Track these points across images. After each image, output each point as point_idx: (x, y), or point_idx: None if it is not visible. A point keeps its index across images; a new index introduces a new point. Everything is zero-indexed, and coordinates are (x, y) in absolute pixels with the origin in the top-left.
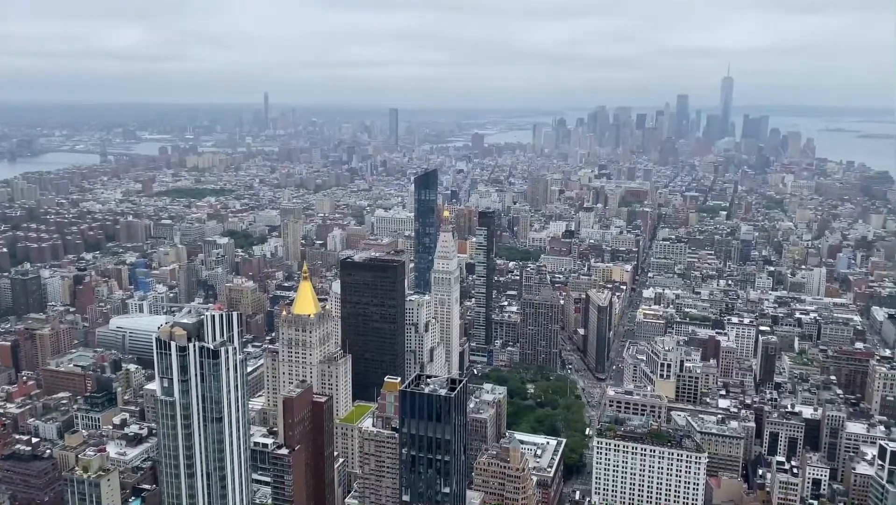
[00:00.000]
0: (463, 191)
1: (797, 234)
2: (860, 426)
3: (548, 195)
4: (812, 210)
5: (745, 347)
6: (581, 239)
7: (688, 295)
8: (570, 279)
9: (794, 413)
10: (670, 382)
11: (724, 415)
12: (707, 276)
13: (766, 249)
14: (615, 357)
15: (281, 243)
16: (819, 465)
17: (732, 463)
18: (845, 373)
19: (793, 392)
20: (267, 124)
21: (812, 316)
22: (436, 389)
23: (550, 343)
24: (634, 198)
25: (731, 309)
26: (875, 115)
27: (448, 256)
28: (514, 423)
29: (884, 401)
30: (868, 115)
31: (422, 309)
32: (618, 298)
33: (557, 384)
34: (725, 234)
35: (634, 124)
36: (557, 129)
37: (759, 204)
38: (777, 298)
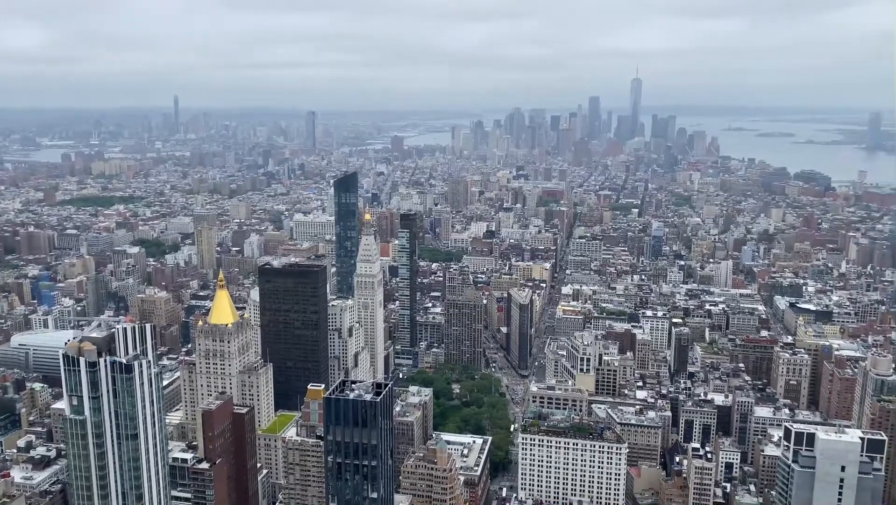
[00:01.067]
0: (384, 193)
1: (705, 229)
2: (767, 410)
3: (468, 196)
4: (718, 206)
5: (659, 339)
6: (502, 239)
7: (604, 291)
8: (493, 279)
9: (706, 401)
10: (590, 376)
11: (641, 405)
12: (622, 271)
13: (677, 244)
14: (537, 353)
15: (195, 251)
16: (731, 449)
17: (651, 452)
18: (752, 360)
19: (705, 381)
20: (177, 128)
21: (720, 307)
22: (361, 395)
23: (474, 342)
24: (551, 197)
25: (646, 303)
26: (771, 115)
27: (370, 259)
28: (440, 424)
29: (787, 385)
30: (765, 115)
31: (345, 314)
32: (538, 295)
33: (482, 383)
34: (638, 230)
35: (549, 126)
36: (475, 131)
37: (668, 201)
38: (688, 290)
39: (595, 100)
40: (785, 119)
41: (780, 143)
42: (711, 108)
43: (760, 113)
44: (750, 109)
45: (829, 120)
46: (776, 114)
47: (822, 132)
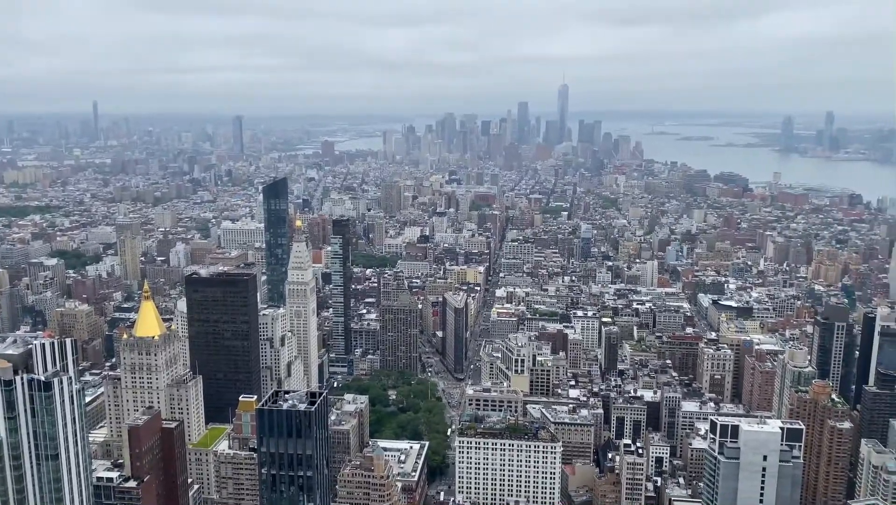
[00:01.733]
0: (315, 199)
1: (631, 230)
2: (694, 404)
3: (401, 201)
4: (643, 208)
5: (590, 339)
6: (436, 243)
7: (536, 292)
8: (427, 283)
9: (636, 397)
10: (524, 377)
11: (574, 404)
12: (553, 273)
13: (605, 246)
14: (473, 357)
15: (118, 262)
16: (660, 444)
17: (585, 450)
18: (679, 356)
19: (634, 378)
20: (97, 135)
21: (647, 306)
22: (295, 405)
23: (410, 348)
24: (484, 202)
25: (576, 303)
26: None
27: (302, 266)
28: (377, 430)
29: (712, 380)
30: (685, 119)
31: (276, 323)
32: (473, 299)
33: (418, 388)
34: (567, 233)
35: (480, 131)
36: (407, 136)
37: (596, 204)
38: (616, 290)
39: (524, 105)
40: (704, 123)
41: (700, 146)
42: (635, 112)
43: (681, 117)
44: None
45: (746, 124)
46: (696, 118)
47: (740, 135)
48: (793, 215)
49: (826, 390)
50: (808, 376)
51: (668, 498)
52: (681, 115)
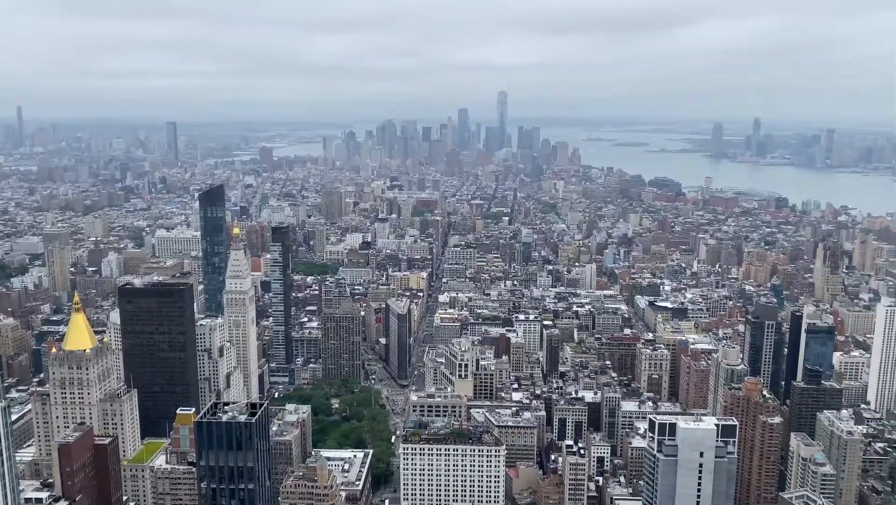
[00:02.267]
0: (253, 206)
1: (570, 234)
2: (633, 404)
3: (342, 207)
4: (581, 212)
5: (532, 342)
6: (378, 249)
7: (479, 297)
8: (370, 290)
9: (577, 399)
10: (468, 382)
11: (518, 407)
12: (495, 278)
13: (545, 250)
14: (416, 363)
15: (46, 273)
16: (601, 444)
17: (528, 452)
18: (618, 357)
19: (575, 379)
20: (22, 141)
21: (587, 308)
22: (235, 416)
23: (353, 355)
24: (426, 207)
25: (518, 307)
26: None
27: (241, 274)
28: (320, 440)
29: (650, 379)
30: (620, 126)
31: (214, 333)
32: (416, 304)
33: (362, 396)
34: (509, 237)
35: (421, 136)
36: (348, 142)
37: (536, 209)
38: (557, 294)
39: (464, 112)
40: (639, 129)
41: (635, 152)
42: (572, 119)
43: (616, 124)
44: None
45: (678, 130)
46: (630, 124)
47: (672, 141)
48: (724, 218)
49: (757, 387)
50: (741, 374)
51: (610, 497)
52: (616, 121)
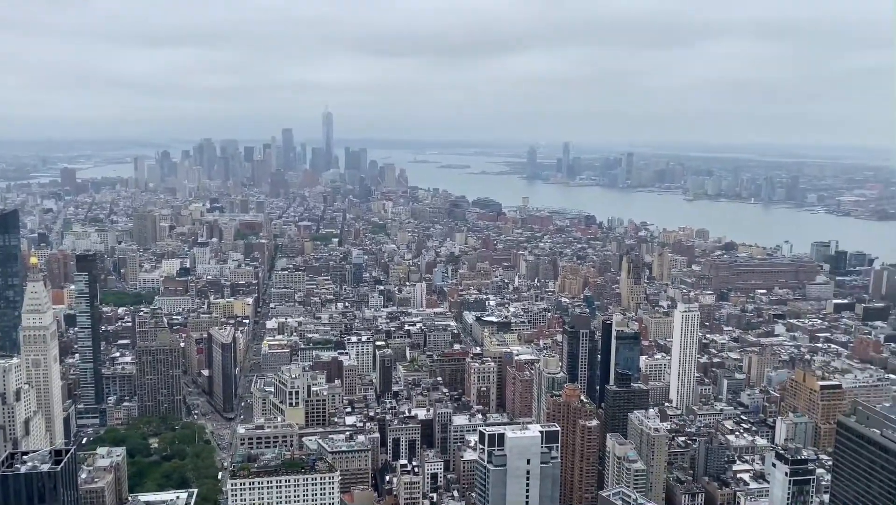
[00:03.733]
0: (54, 233)
1: (400, 254)
2: (464, 418)
3: (157, 232)
4: (410, 232)
5: (365, 363)
6: (198, 276)
7: (309, 321)
8: (190, 319)
9: (411, 417)
10: (300, 409)
11: (351, 431)
12: (326, 300)
13: (376, 270)
14: (244, 393)
15: None
16: (435, 460)
17: (363, 475)
18: (449, 372)
19: (408, 398)
20: None
21: (418, 326)
22: (36, 466)
23: (173, 390)
24: (250, 230)
25: (350, 329)
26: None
27: (40, 308)
28: (137, 484)
29: (479, 392)
30: (444, 148)
31: (9, 375)
32: (241, 332)
33: (184, 433)
34: (339, 259)
35: (243, 157)
36: (162, 162)
37: (365, 229)
38: (388, 313)
39: (288, 132)
40: (461, 152)
41: (458, 173)
42: (399, 141)
43: (441, 146)
44: (431, 143)
45: (497, 153)
46: (454, 147)
47: (492, 164)
48: (540, 235)
49: (576, 393)
50: (561, 381)
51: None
52: (440, 144)
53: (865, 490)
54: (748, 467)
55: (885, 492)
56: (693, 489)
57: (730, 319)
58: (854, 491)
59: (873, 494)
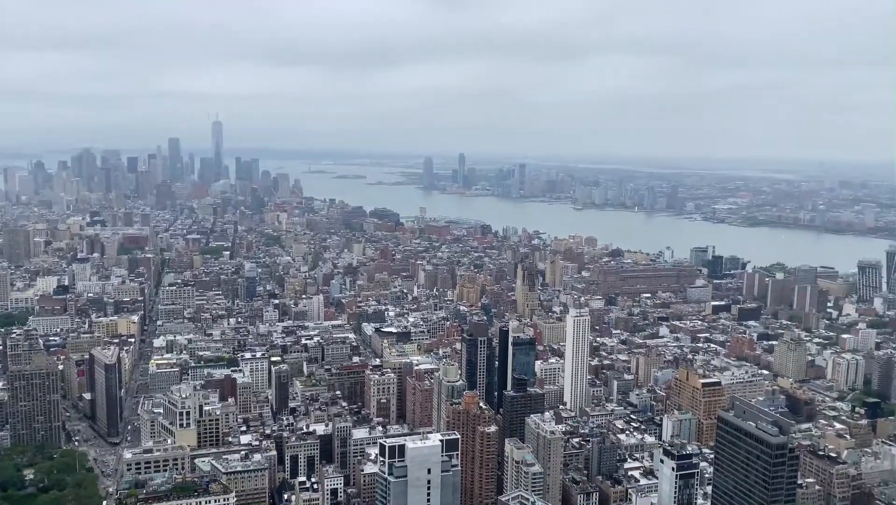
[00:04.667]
0: None
1: (295, 266)
2: (364, 431)
3: (31, 248)
4: (306, 244)
5: (260, 380)
6: (78, 294)
7: (200, 338)
8: (69, 340)
9: (309, 433)
10: (191, 431)
11: (247, 450)
12: (217, 316)
13: (270, 284)
14: (130, 416)
15: None
16: (334, 475)
17: (259, 495)
18: (348, 386)
19: (306, 413)
20: None
21: (316, 340)
22: None
23: (50, 416)
24: (134, 244)
25: (244, 345)
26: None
27: None
28: None
29: (379, 404)
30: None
31: None
32: (127, 352)
33: (63, 461)
34: (231, 273)
35: (126, 168)
36: (36, 174)
37: (259, 242)
38: (284, 328)
39: (175, 141)
40: (358, 163)
41: (354, 184)
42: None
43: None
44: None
45: (393, 164)
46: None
47: (389, 174)
48: (438, 245)
49: (475, 400)
50: (460, 389)
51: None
52: (336, 154)
53: (744, 479)
54: (639, 465)
55: (761, 480)
56: (588, 489)
57: (618, 323)
58: (733, 481)
59: (750, 483)
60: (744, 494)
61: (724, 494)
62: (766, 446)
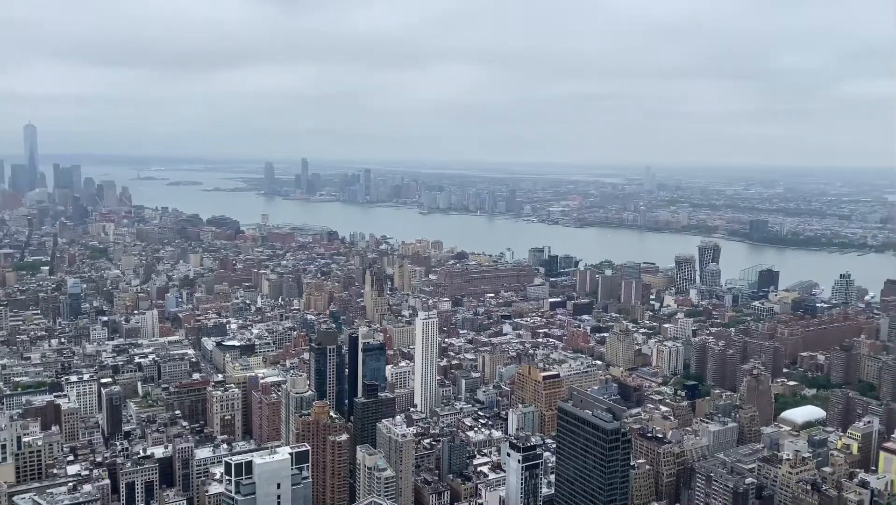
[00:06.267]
0: None
1: (126, 280)
2: (207, 451)
3: None
4: (137, 256)
5: (88, 405)
6: None
7: (16, 363)
8: None
9: (146, 457)
10: (8, 465)
11: (75, 481)
12: (36, 337)
13: (98, 300)
14: None
15: None
16: (176, 499)
17: None
18: (188, 404)
19: (143, 436)
20: None
21: (151, 357)
22: None
23: None
24: None
25: (69, 368)
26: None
27: None
28: None
29: (223, 421)
30: (172, 164)
31: None
32: None
33: None
34: (51, 289)
35: None
36: None
37: (83, 255)
38: (115, 346)
39: None
40: (193, 168)
41: (189, 191)
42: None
43: (169, 162)
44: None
45: (232, 169)
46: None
47: (227, 180)
48: (282, 253)
49: (324, 409)
50: (309, 400)
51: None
52: (168, 160)
53: (583, 465)
54: (487, 460)
55: (599, 464)
56: (439, 488)
57: (465, 323)
58: (574, 468)
59: (589, 468)
60: (584, 480)
61: (566, 481)
62: (602, 432)
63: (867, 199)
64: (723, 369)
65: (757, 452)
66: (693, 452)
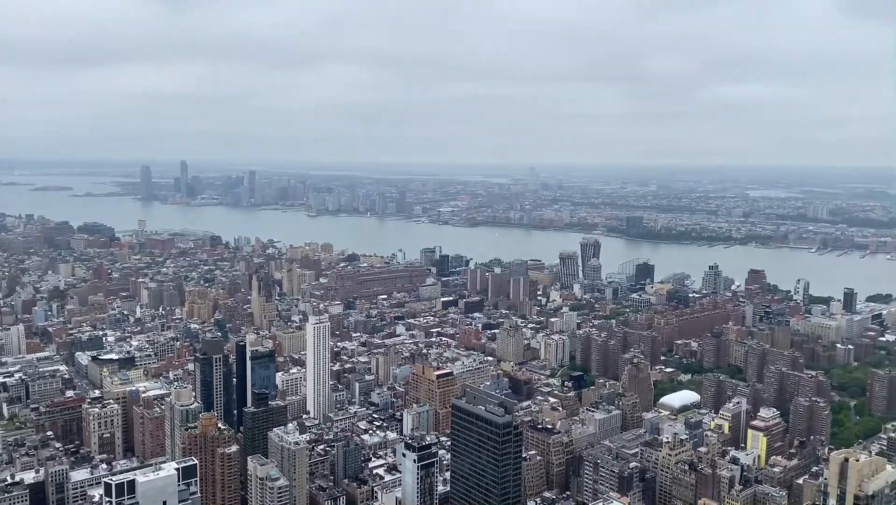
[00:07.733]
0: None
1: None
2: (84, 472)
3: None
4: None
5: None
6: None
7: None
8: None
9: (15, 483)
10: None
11: None
12: None
13: None
14: None
15: None
16: None
17: None
18: (61, 424)
19: (10, 462)
20: None
21: (17, 376)
22: None
23: None
24: None
25: None
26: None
27: None
28: None
29: (101, 439)
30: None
31: None
32: None
33: None
34: None
35: None
36: None
37: None
38: None
39: None
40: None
41: (58, 196)
42: None
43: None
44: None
45: (105, 173)
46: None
47: (99, 185)
48: (162, 260)
49: (212, 421)
50: (195, 412)
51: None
52: (32, 164)
53: (477, 460)
54: (383, 462)
55: (492, 458)
56: (335, 493)
57: (357, 326)
58: (469, 463)
59: (483, 463)
60: (478, 474)
61: (461, 478)
62: (495, 427)
63: (731, 196)
64: (606, 360)
65: (639, 438)
66: (581, 440)
